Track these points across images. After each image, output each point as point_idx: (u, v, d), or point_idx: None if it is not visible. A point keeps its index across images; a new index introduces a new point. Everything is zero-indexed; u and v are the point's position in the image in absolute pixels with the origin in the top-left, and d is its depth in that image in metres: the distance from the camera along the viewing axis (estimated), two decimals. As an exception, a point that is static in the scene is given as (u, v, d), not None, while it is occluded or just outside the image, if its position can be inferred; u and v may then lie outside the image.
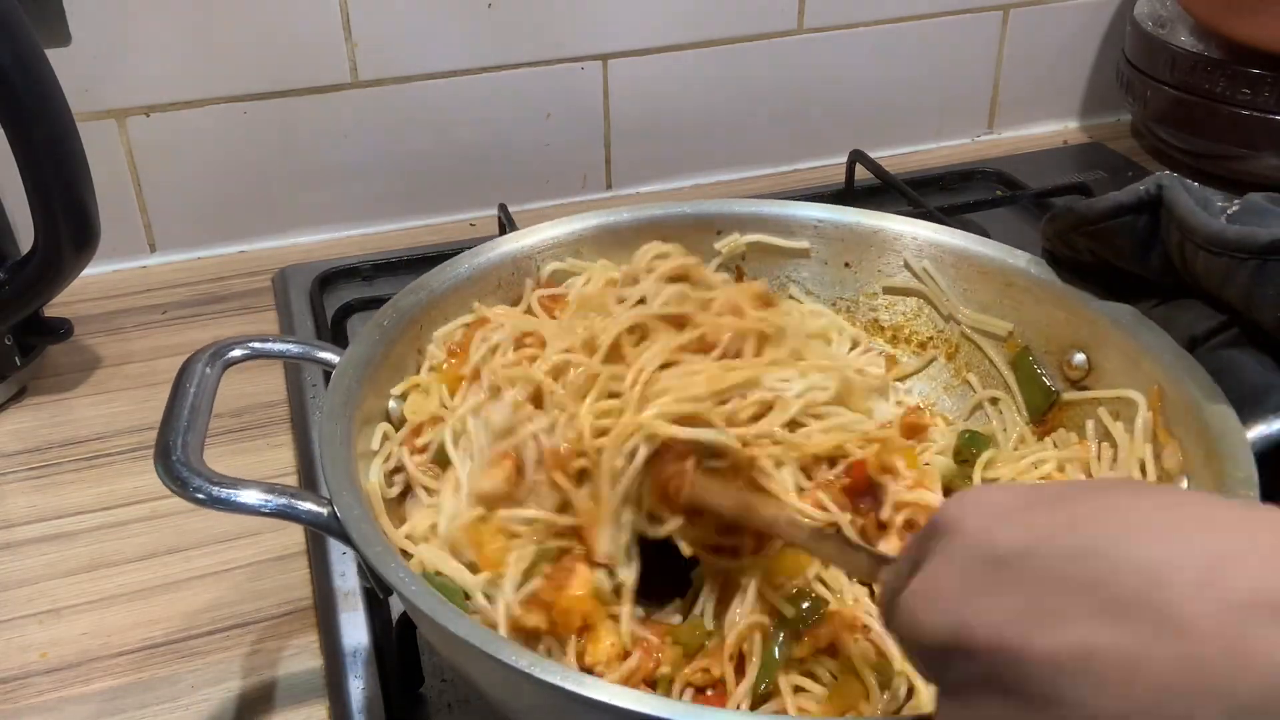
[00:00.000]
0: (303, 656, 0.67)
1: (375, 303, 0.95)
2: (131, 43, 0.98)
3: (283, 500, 0.55)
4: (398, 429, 0.65)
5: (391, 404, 0.66)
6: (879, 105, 1.23)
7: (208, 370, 0.61)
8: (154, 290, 1.03)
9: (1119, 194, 0.69)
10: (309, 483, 0.79)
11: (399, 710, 0.62)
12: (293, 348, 0.67)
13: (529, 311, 0.74)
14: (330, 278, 1.00)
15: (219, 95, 1.02)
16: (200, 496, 0.54)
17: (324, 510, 0.54)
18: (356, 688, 0.64)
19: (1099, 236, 0.69)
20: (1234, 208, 0.65)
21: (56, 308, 0.90)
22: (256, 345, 0.65)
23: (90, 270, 0.85)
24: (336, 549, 0.72)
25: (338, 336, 0.92)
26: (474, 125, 1.10)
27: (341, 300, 0.96)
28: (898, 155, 1.23)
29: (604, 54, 1.11)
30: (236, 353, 0.64)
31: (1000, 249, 0.76)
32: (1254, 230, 0.62)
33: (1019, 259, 0.75)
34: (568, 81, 1.11)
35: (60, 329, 0.89)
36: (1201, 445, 0.60)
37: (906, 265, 0.79)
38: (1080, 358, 0.71)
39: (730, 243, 0.80)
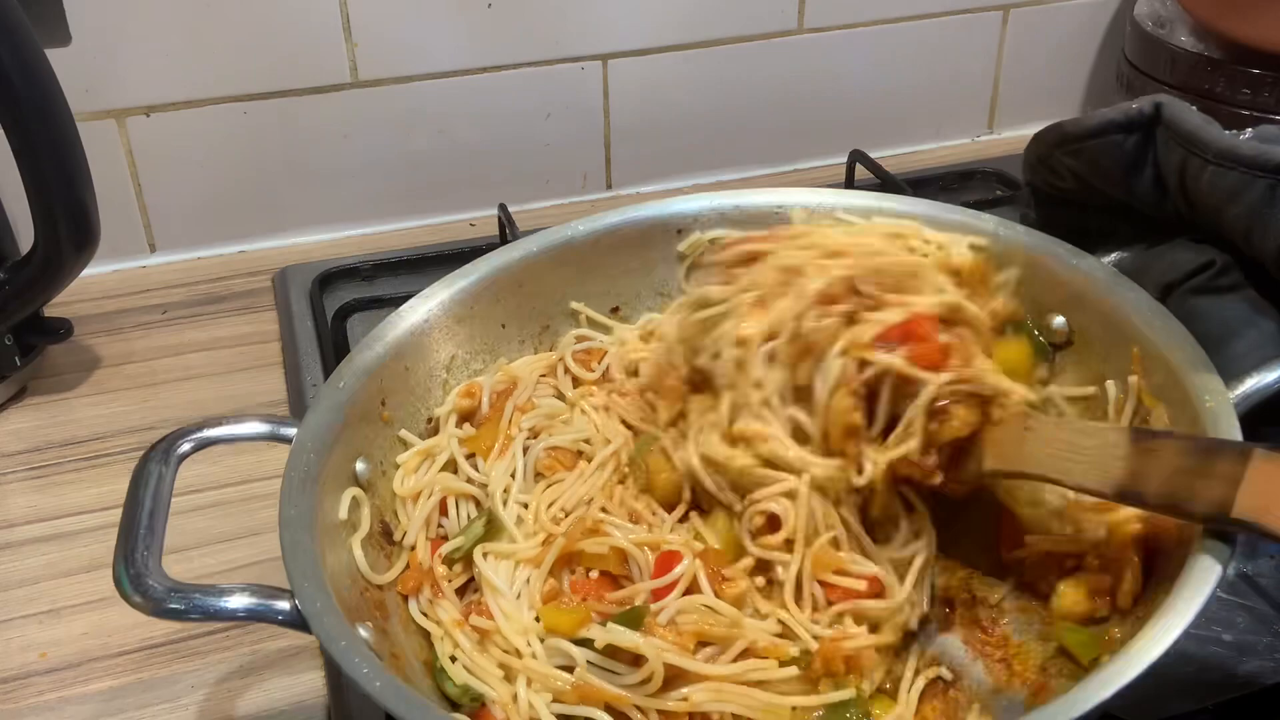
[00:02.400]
0: (303, 657, 0.67)
1: (375, 303, 0.95)
2: (131, 43, 0.98)
3: (256, 601, 0.54)
4: (366, 491, 0.64)
5: (359, 466, 0.65)
6: (879, 105, 1.23)
7: (163, 469, 0.60)
8: (154, 290, 1.03)
9: (1108, 110, 0.66)
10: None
11: (399, 710, 0.62)
12: (241, 430, 0.64)
13: (565, 368, 0.74)
14: (330, 278, 1.00)
15: (219, 95, 1.02)
16: (176, 608, 0.53)
17: (284, 604, 0.54)
18: (356, 689, 0.64)
19: (1084, 156, 0.67)
20: (1248, 133, 0.63)
21: (56, 308, 0.90)
22: (208, 434, 0.63)
23: (90, 270, 0.85)
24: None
25: (337, 337, 0.92)
26: (474, 125, 1.10)
27: (341, 300, 0.96)
28: (898, 155, 1.23)
29: (604, 54, 1.11)
30: (186, 447, 0.62)
31: (965, 213, 0.75)
32: (1271, 149, 0.60)
33: (986, 222, 0.73)
34: (568, 81, 1.11)
35: (60, 329, 0.89)
36: (1186, 408, 0.59)
37: None
38: (1060, 321, 0.70)
39: (692, 242, 0.80)
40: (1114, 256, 0.69)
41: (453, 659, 0.58)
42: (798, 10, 1.15)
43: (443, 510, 0.67)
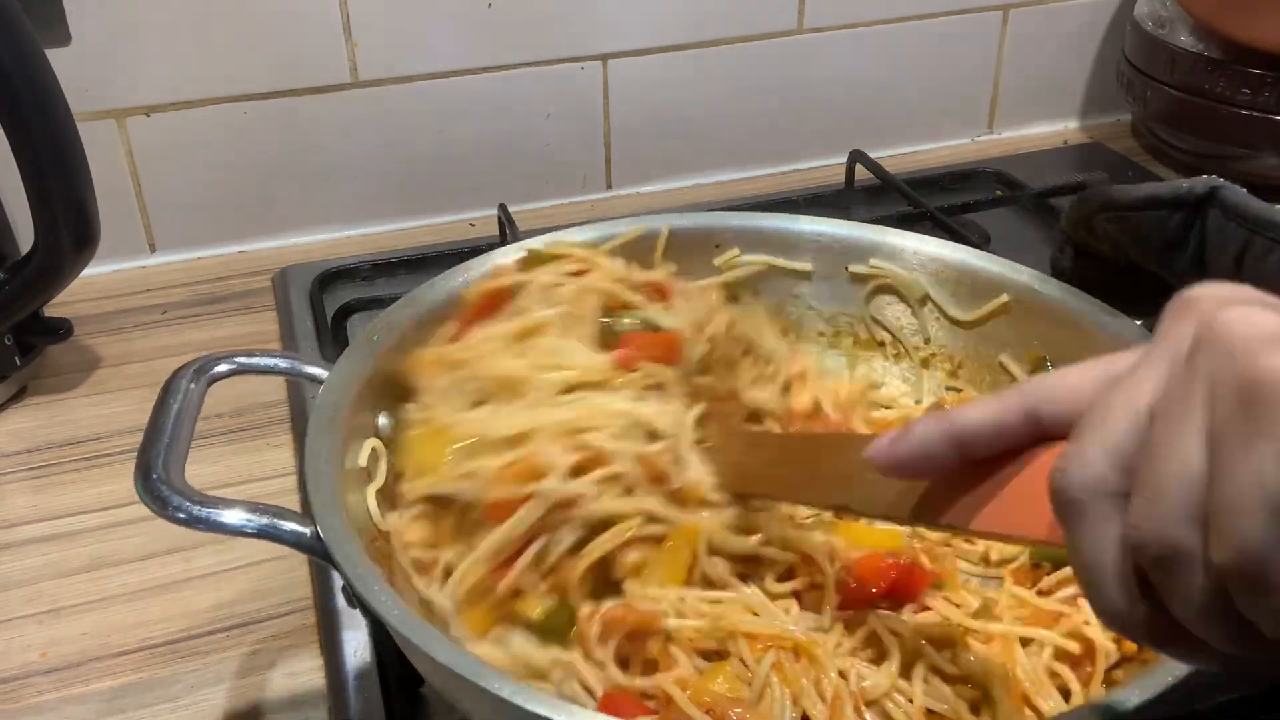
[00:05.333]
0: (303, 656, 0.67)
1: (375, 303, 0.95)
2: (131, 43, 0.98)
3: (265, 520, 0.54)
4: (388, 446, 0.64)
5: (381, 420, 0.65)
6: (879, 105, 1.23)
7: (192, 386, 0.60)
8: (154, 290, 1.03)
9: (1156, 185, 0.66)
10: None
11: (399, 710, 0.62)
12: (280, 362, 0.66)
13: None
14: (330, 278, 1.00)
15: (219, 95, 1.02)
16: (180, 516, 0.53)
17: (307, 530, 0.54)
18: (356, 688, 0.64)
19: (1126, 225, 0.67)
20: None
21: (56, 308, 0.90)
22: (243, 360, 0.64)
23: (90, 270, 0.85)
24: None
25: (337, 336, 0.92)
26: (474, 125, 1.10)
27: (341, 300, 0.96)
28: (898, 155, 1.23)
29: (604, 54, 1.11)
30: (222, 368, 0.63)
31: (1004, 264, 0.75)
32: None
33: (1023, 274, 0.74)
34: (568, 81, 1.11)
35: (60, 329, 0.89)
36: None
37: (902, 287, 0.78)
38: None
39: (729, 259, 0.80)
40: (1139, 324, 0.70)
41: None
42: (798, 10, 1.15)
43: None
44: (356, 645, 0.66)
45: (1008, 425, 0.40)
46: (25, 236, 0.82)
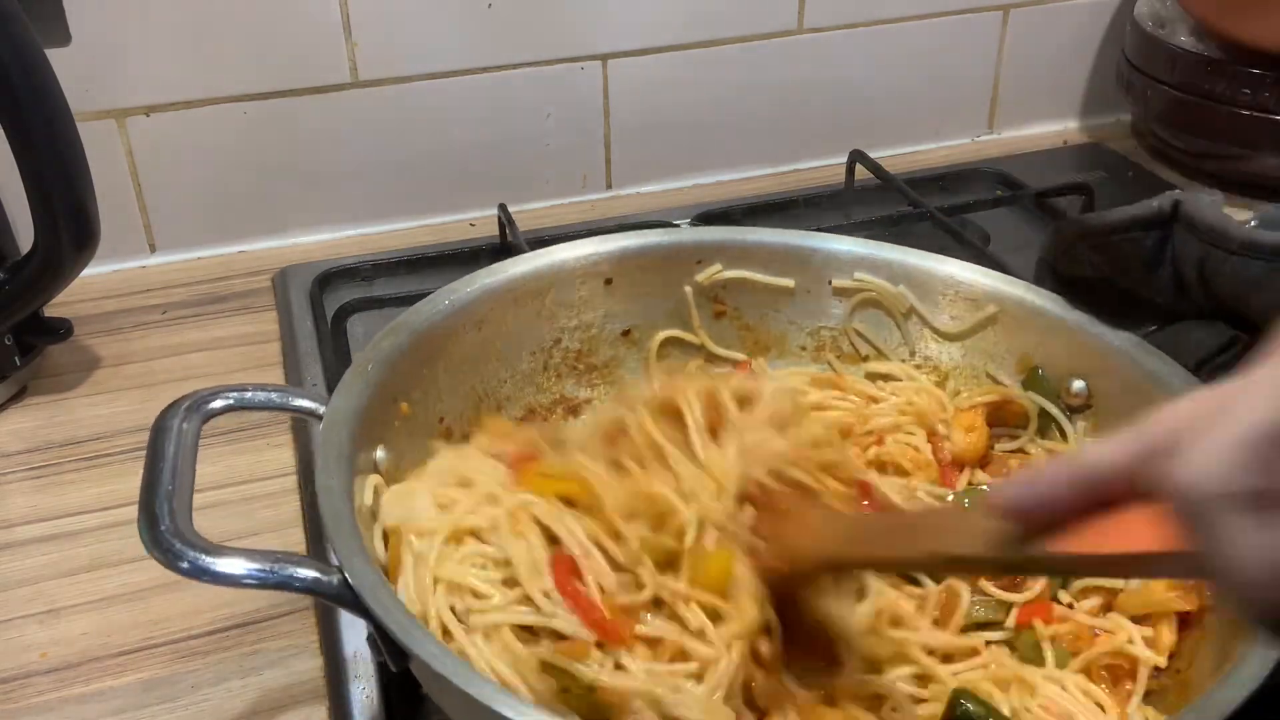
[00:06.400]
0: (303, 656, 0.67)
1: (375, 303, 0.95)
2: (131, 43, 0.98)
3: (284, 572, 0.52)
4: (386, 481, 0.64)
5: (379, 454, 0.64)
6: (879, 105, 1.23)
7: (185, 426, 0.58)
8: (154, 290, 1.03)
9: (1132, 209, 0.67)
10: (309, 482, 0.79)
11: (398, 711, 0.62)
12: (274, 396, 0.64)
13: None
14: (330, 278, 1.00)
15: (219, 95, 1.02)
16: (184, 566, 0.51)
17: (332, 578, 0.52)
18: (356, 688, 0.64)
19: (1107, 250, 0.68)
20: (1253, 221, 0.65)
21: (56, 308, 0.90)
22: (236, 396, 0.63)
23: (90, 270, 0.85)
24: (336, 549, 0.72)
25: (337, 337, 0.92)
26: (474, 125, 1.10)
27: (341, 300, 0.96)
28: (898, 155, 1.23)
29: (604, 54, 1.11)
30: (215, 404, 0.61)
31: (992, 275, 0.75)
32: None
33: (1014, 286, 0.74)
34: (568, 81, 1.11)
35: (60, 329, 0.89)
36: None
37: (887, 301, 0.78)
38: (1079, 385, 0.71)
39: (709, 274, 0.79)
40: (1140, 332, 0.71)
41: None
42: (798, 10, 1.15)
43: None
44: (356, 646, 0.66)
45: (1131, 454, 0.40)
46: (25, 236, 0.82)
